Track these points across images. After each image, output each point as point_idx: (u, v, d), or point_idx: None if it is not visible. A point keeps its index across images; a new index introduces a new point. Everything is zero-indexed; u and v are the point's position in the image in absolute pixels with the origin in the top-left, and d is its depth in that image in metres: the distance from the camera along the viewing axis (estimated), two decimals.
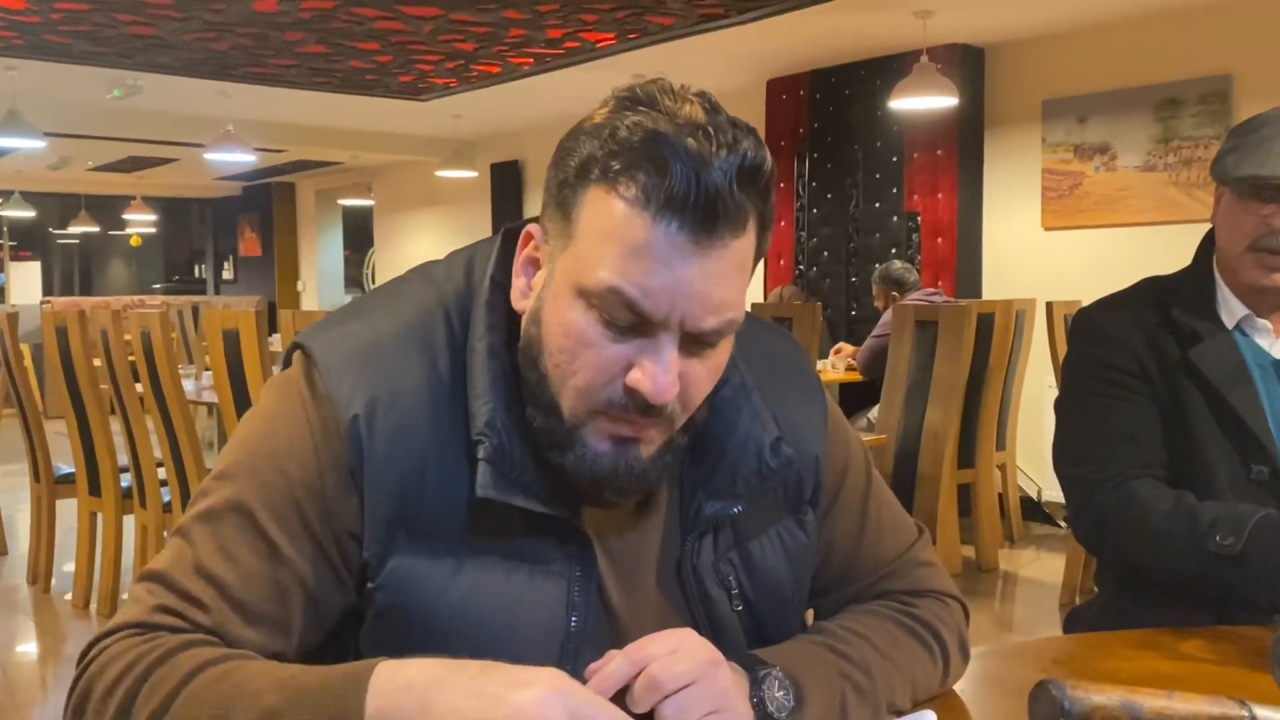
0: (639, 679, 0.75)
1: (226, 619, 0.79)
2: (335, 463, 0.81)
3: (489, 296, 0.87)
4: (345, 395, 0.82)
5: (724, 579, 0.90)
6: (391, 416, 0.82)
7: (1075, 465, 1.44)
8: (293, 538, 0.81)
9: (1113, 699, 0.59)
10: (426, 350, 0.85)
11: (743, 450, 0.89)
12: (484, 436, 0.81)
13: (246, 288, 12.89)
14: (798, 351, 1.03)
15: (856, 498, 1.02)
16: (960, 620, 1.03)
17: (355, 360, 0.84)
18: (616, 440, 0.80)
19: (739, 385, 0.91)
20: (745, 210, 0.77)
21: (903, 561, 1.03)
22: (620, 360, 0.78)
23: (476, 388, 0.83)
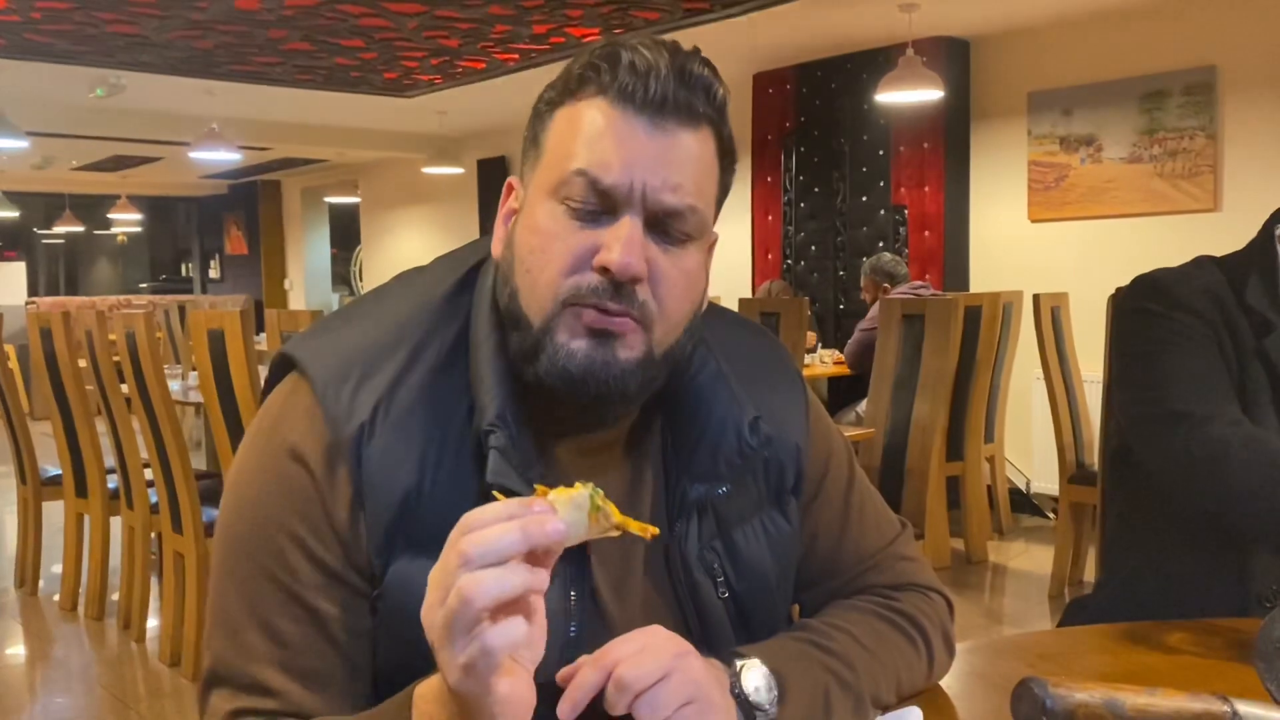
0: (609, 684, 0.75)
1: (295, 694, 0.80)
2: (341, 494, 0.82)
3: (491, 297, 0.88)
4: (345, 409, 0.82)
5: (709, 566, 0.91)
6: (389, 425, 0.82)
7: (1170, 401, 1.34)
8: (325, 591, 0.82)
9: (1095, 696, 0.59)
10: (421, 353, 0.86)
11: (722, 431, 0.90)
12: (494, 427, 0.81)
13: (233, 286, 12.84)
14: (776, 347, 1.04)
15: (839, 491, 1.02)
16: (944, 614, 1.03)
17: (352, 369, 0.84)
18: (592, 334, 0.80)
19: (715, 372, 0.92)
20: (695, 106, 0.82)
21: (885, 555, 1.03)
22: (587, 246, 0.80)
23: (485, 382, 0.84)
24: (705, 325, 0.93)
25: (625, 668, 0.75)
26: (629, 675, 0.75)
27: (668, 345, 0.84)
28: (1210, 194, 4.90)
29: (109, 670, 3.51)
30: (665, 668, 0.76)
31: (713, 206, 0.86)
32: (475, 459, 0.82)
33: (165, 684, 3.35)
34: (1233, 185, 4.86)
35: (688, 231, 0.83)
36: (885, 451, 4.17)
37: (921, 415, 4.14)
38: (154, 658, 3.55)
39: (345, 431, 0.81)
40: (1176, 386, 1.35)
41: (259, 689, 0.80)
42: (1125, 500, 1.57)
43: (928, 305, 4.17)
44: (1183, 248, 1.59)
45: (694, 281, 0.85)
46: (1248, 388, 1.37)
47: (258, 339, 4.53)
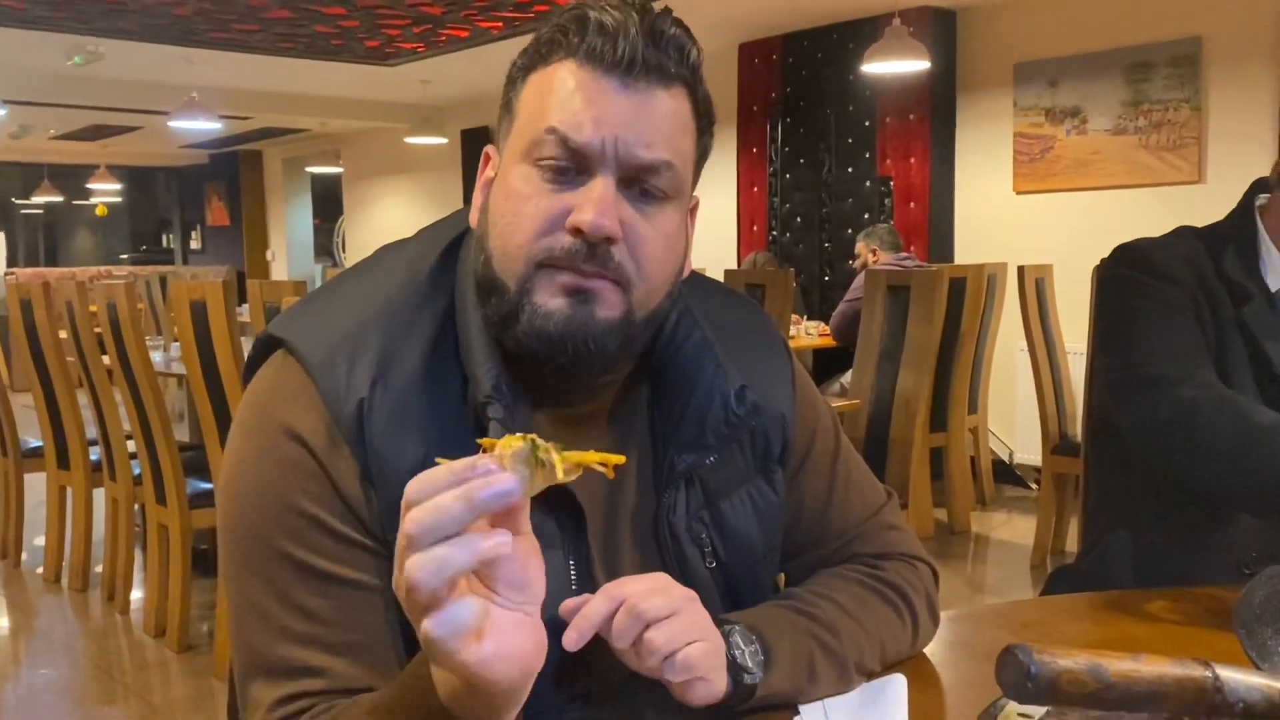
0: (620, 611, 0.77)
1: (340, 668, 0.79)
2: (347, 471, 0.81)
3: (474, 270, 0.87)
4: (342, 386, 0.81)
5: (696, 537, 0.91)
6: (389, 398, 0.81)
7: (1144, 365, 1.35)
8: (351, 561, 0.80)
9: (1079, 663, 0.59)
10: (412, 329, 0.85)
11: (708, 400, 0.90)
12: (491, 399, 0.81)
13: (215, 257, 12.75)
14: (762, 317, 1.04)
15: (825, 460, 1.02)
16: (929, 583, 1.03)
17: (343, 347, 0.83)
18: (570, 294, 0.80)
19: (700, 342, 0.92)
20: (667, 67, 0.82)
21: (871, 524, 1.03)
22: (560, 207, 0.80)
23: (476, 356, 0.83)
24: (690, 295, 0.92)
25: (638, 599, 0.77)
26: (643, 605, 0.77)
27: (649, 308, 0.84)
28: (1195, 166, 4.92)
29: (93, 642, 3.51)
30: (674, 606, 0.79)
31: (690, 166, 0.85)
32: (474, 432, 0.81)
33: (150, 655, 3.35)
34: (1217, 157, 4.87)
35: (664, 189, 0.82)
36: (869, 422, 4.19)
37: (906, 387, 4.16)
38: (138, 629, 3.55)
39: (345, 409, 0.80)
40: (1151, 351, 1.36)
41: (302, 671, 0.79)
42: (1106, 470, 1.59)
43: (913, 277, 4.17)
44: (1167, 219, 1.59)
45: (673, 243, 0.84)
46: (1226, 357, 1.38)
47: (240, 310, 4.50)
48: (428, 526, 0.59)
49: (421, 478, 0.61)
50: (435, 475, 0.61)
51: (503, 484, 0.60)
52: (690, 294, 0.92)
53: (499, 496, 0.60)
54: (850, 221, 6.02)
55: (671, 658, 0.78)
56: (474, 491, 0.59)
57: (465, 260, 0.89)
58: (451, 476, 0.60)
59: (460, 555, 0.59)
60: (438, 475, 0.61)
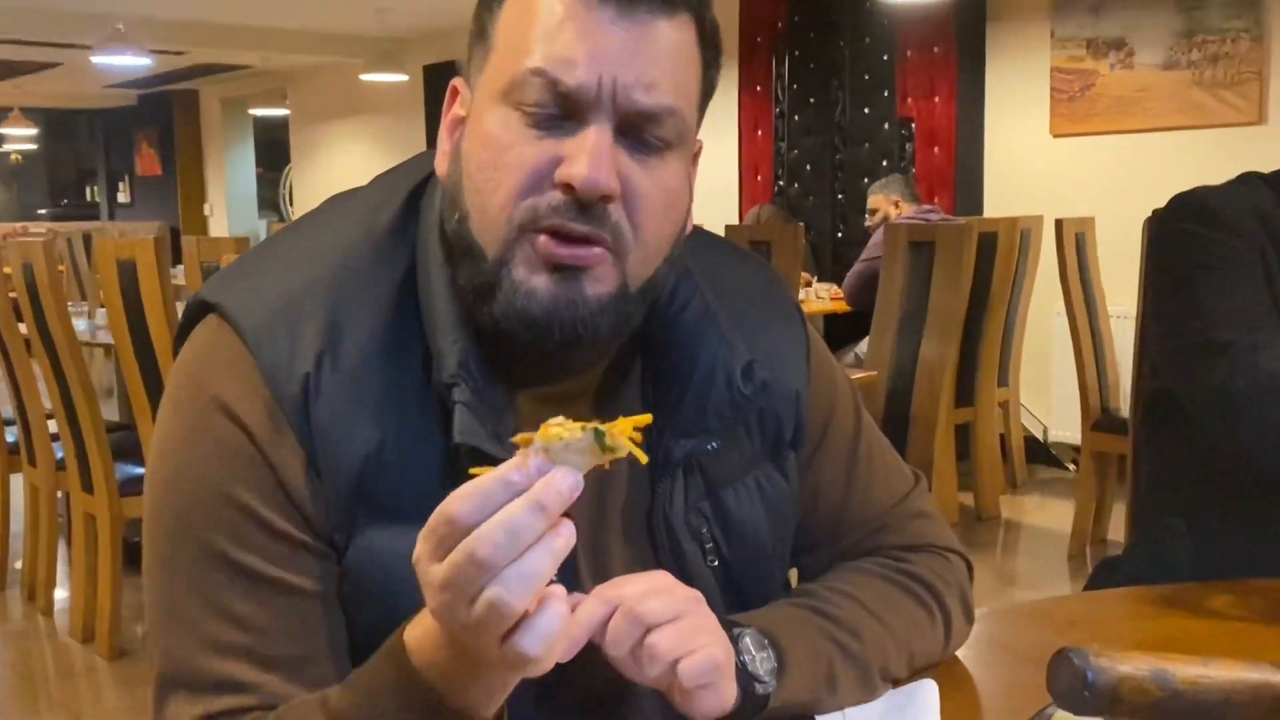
0: (616, 615, 0.76)
1: (272, 684, 0.78)
2: (291, 458, 0.80)
3: (440, 223, 0.86)
4: (284, 360, 0.80)
5: (696, 532, 0.90)
6: (339, 375, 0.80)
7: (1208, 331, 1.35)
8: (291, 563, 0.80)
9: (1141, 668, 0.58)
10: (367, 293, 0.84)
11: (710, 378, 0.89)
12: (458, 379, 0.79)
13: (146, 212, 12.69)
14: (771, 276, 1.03)
15: (844, 441, 1.01)
16: (963, 577, 1.03)
17: (285, 314, 0.82)
18: (555, 270, 0.78)
19: (702, 310, 0.91)
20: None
21: (897, 513, 1.03)
22: (547, 159, 0.78)
23: (441, 327, 0.82)
24: (690, 254, 0.91)
25: (637, 601, 0.77)
26: (642, 608, 0.76)
27: (645, 277, 0.82)
28: (1255, 104, 4.90)
29: (13, 648, 3.50)
30: (678, 608, 0.78)
31: (695, 109, 0.84)
32: (438, 415, 0.81)
33: (77, 662, 3.34)
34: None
35: (666, 138, 0.80)
36: (888, 397, 4.20)
37: (928, 356, 4.16)
38: (63, 633, 3.54)
39: (287, 386, 0.79)
40: (1216, 314, 1.35)
41: (228, 686, 0.78)
42: (1160, 449, 1.59)
43: (937, 232, 4.17)
44: (1224, 165, 1.58)
45: (675, 199, 0.83)
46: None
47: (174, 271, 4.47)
48: (505, 545, 0.61)
49: (469, 494, 0.62)
50: (486, 488, 0.62)
51: (569, 482, 0.62)
52: (690, 253, 0.91)
53: (570, 496, 0.62)
54: (867, 169, 6.00)
55: (675, 665, 0.77)
56: (545, 497, 0.62)
57: (429, 212, 0.87)
58: (507, 486, 0.62)
59: (544, 563, 0.62)
60: (489, 488, 0.62)
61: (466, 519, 0.61)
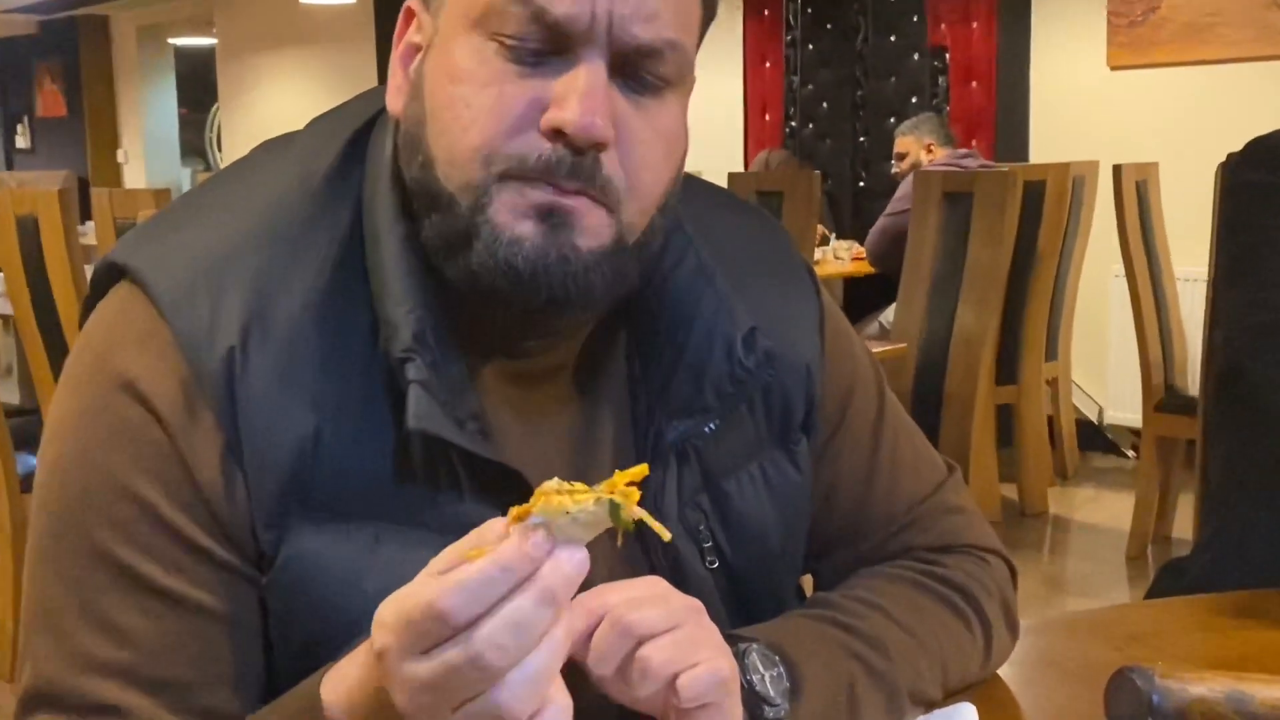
0: (602, 627, 0.76)
1: (147, 711, 0.78)
2: (205, 444, 0.79)
3: (393, 169, 0.85)
4: (203, 329, 0.80)
5: (692, 528, 0.91)
6: (270, 349, 0.80)
7: None
8: (188, 573, 0.79)
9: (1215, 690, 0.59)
10: (301, 253, 0.84)
11: (707, 348, 0.89)
12: (412, 353, 0.79)
13: (49, 159, 12.64)
14: (778, 236, 1.03)
15: (865, 426, 1.02)
16: (1005, 583, 1.04)
17: (208, 278, 0.82)
18: (542, 215, 0.78)
19: (696, 269, 0.91)
20: None
21: (928, 508, 1.03)
22: (531, 99, 0.78)
23: (392, 292, 0.82)
24: (683, 207, 0.91)
25: (625, 609, 0.77)
26: (631, 617, 0.76)
27: (641, 229, 0.83)
28: None
29: None
30: (674, 617, 0.78)
31: (696, 40, 0.84)
32: (388, 395, 0.81)
33: None
34: None
35: (666, 76, 0.81)
36: (918, 373, 4.20)
37: (965, 326, 4.17)
38: None
39: (207, 360, 0.79)
40: None
41: (100, 709, 0.78)
42: (1234, 434, 1.59)
43: (976, 181, 4.16)
44: None
45: (673, 143, 0.84)
46: None
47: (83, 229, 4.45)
48: (513, 646, 0.62)
49: (464, 584, 0.62)
50: (484, 577, 0.62)
51: (576, 563, 0.63)
52: (685, 206, 0.91)
53: (578, 579, 0.64)
54: (893, 108, 6.00)
55: (672, 682, 0.77)
56: (555, 586, 0.63)
57: (378, 157, 0.87)
58: (505, 574, 0.62)
59: (551, 661, 0.64)
60: (487, 577, 0.62)
61: (460, 614, 0.61)
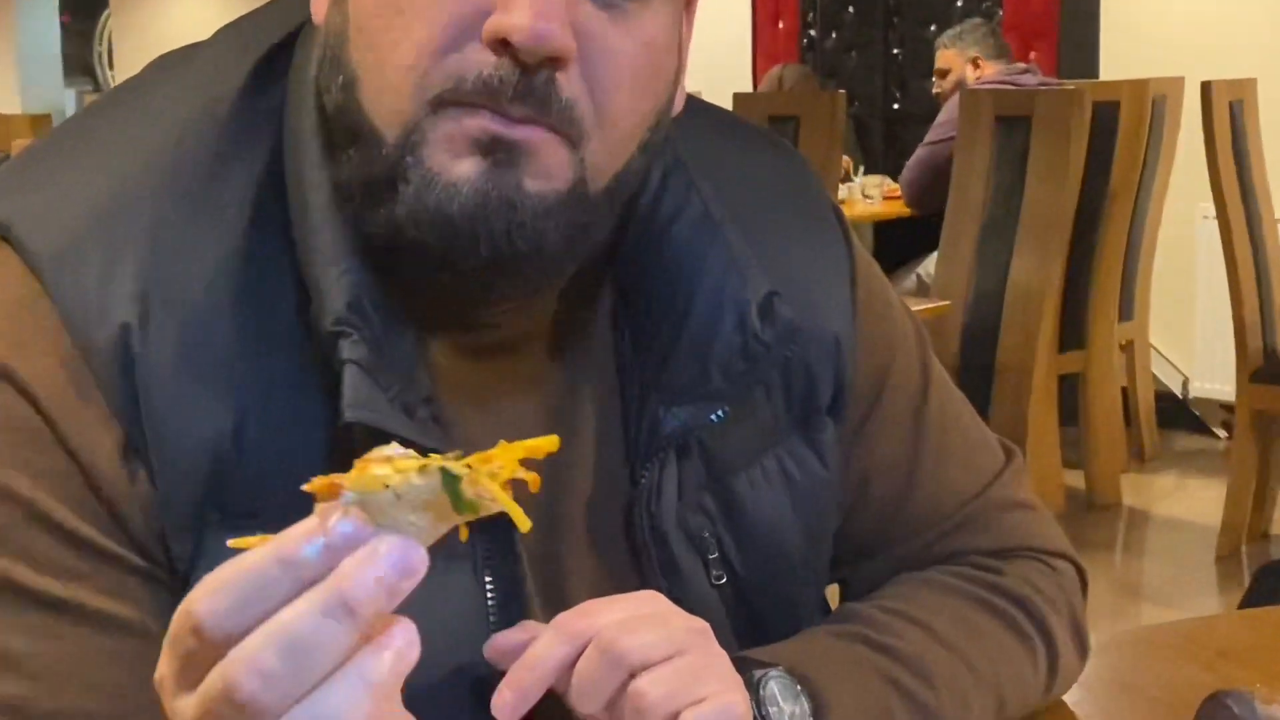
0: (587, 653, 0.76)
1: None
2: (97, 435, 0.79)
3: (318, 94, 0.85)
4: (92, 300, 0.79)
5: (695, 536, 0.91)
6: (174, 328, 0.80)
7: None
8: (85, 580, 0.79)
9: None
10: (209, 205, 0.83)
11: (714, 317, 0.89)
12: (348, 327, 0.79)
13: None
14: (802, 171, 1.03)
15: (906, 405, 1.02)
16: (1075, 593, 1.04)
17: (95, 235, 0.81)
18: (483, 150, 0.77)
19: (700, 217, 0.91)
20: None
21: (983, 504, 1.04)
22: (471, 4, 0.76)
23: (320, 250, 0.81)
24: (684, 139, 0.91)
25: (618, 632, 0.76)
26: (624, 643, 0.76)
27: (612, 172, 0.82)
28: None
29: None
30: (675, 642, 0.78)
31: None
32: (321, 378, 0.80)
33: None
34: None
35: None
36: (964, 337, 4.21)
37: (1022, 279, 4.17)
38: None
39: (96, 337, 0.79)
40: None
41: None
42: None
43: (1035, 102, 4.15)
44: None
45: (657, 63, 0.83)
46: None
47: None
48: (285, 675, 0.54)
49: (225, 583, 0.55)
50: (251, 573, 0.55)
51: (395, 562, 0.55)
52: (682, 138, 0.91)
53: (401, 583, 0.55)
54: (934, 14, 5.99)
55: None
56: (353, 590, 0.54)
57: (299, 81, 0.86)
58: (284, 569, 0.55)
59: (354, 704, 0.55)
60: (258, 572, 0.55)
61: (217, 626, 0.54)
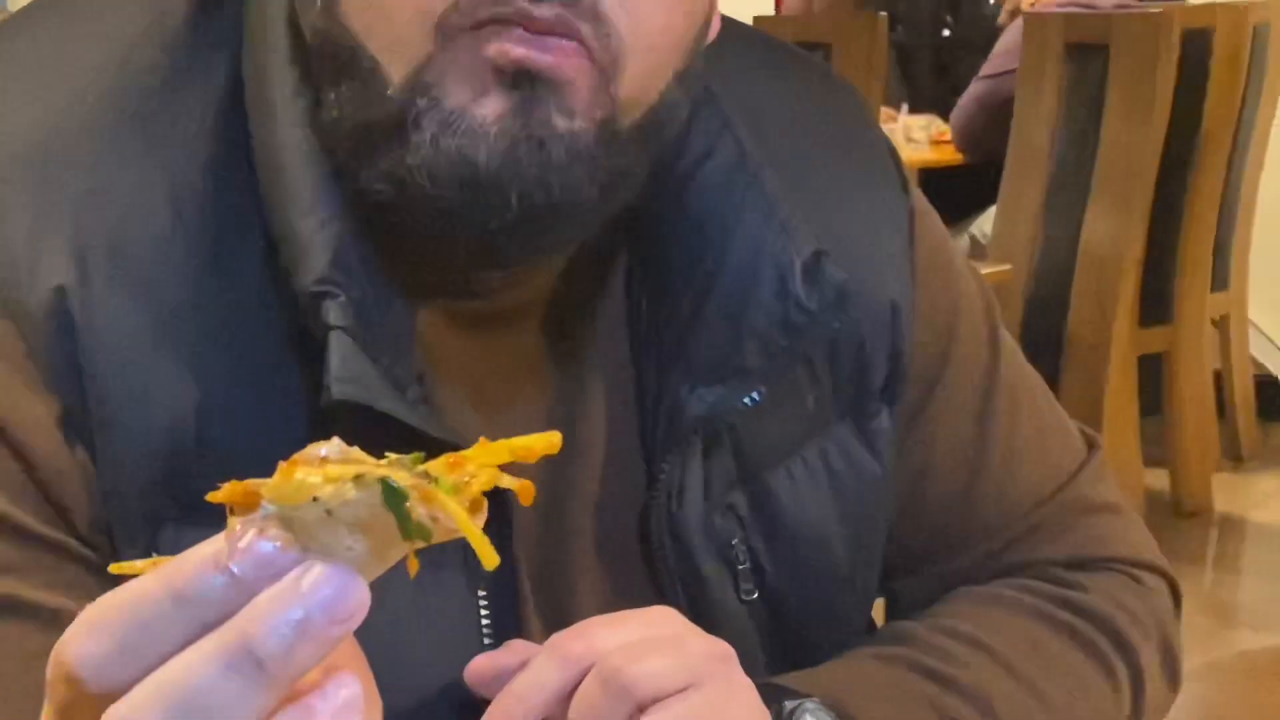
0: (587, 681, 0.77)
1: None
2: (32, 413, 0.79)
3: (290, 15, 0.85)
4: (20, 257, 0.80)
5: (723, 544, 0.91)
6: (122, 288, 0.80)
7: None
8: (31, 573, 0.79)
9: None
10: (160, 142, 0.83)
11: (748, 280, 0.89)
12: (333, 287, 0.79)
13: None
14: (853, 105, 1.04)
15: (971, 386, 1.03)
16: (1167, 614, 1.05)
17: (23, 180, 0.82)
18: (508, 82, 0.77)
19: (735, 161, 0.91)
20: None
21: (1059, 504, 1.04)
22: None
23: (297, 196, 0.81)
24: (715, 67, 0.91)
25: (623, 659, 0.77)
26: (632, 672, 0.76)
27: (647, 104, 0.83)
28: None
29: None
30: (692, 673, 0.78)
31: None
32: (296, 348, 0.81)
33: None
34: None
35: None
36: (1029, 308, 4.21)
37: (1097, 240, 4.17)
38: None
39: (26, 299, 0.79)
40: None
41: None
42: None
43: (1113, 28, 4.15)
44: None
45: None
46: None
47: None
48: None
49: (105, 618, 0.49)
50: (137, 608, 0.49)
51: (324, 600, 0.47)
52: (717, 66, 0.91)
53: (334, 626, 0.47)
54: None
55: None
56: (262, 640, 0.46)
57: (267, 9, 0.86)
58: (178, 606, 0.48)
59: None
60: (152, 605, 0.48)
61: (98, 675, 0.48)
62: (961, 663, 0.95)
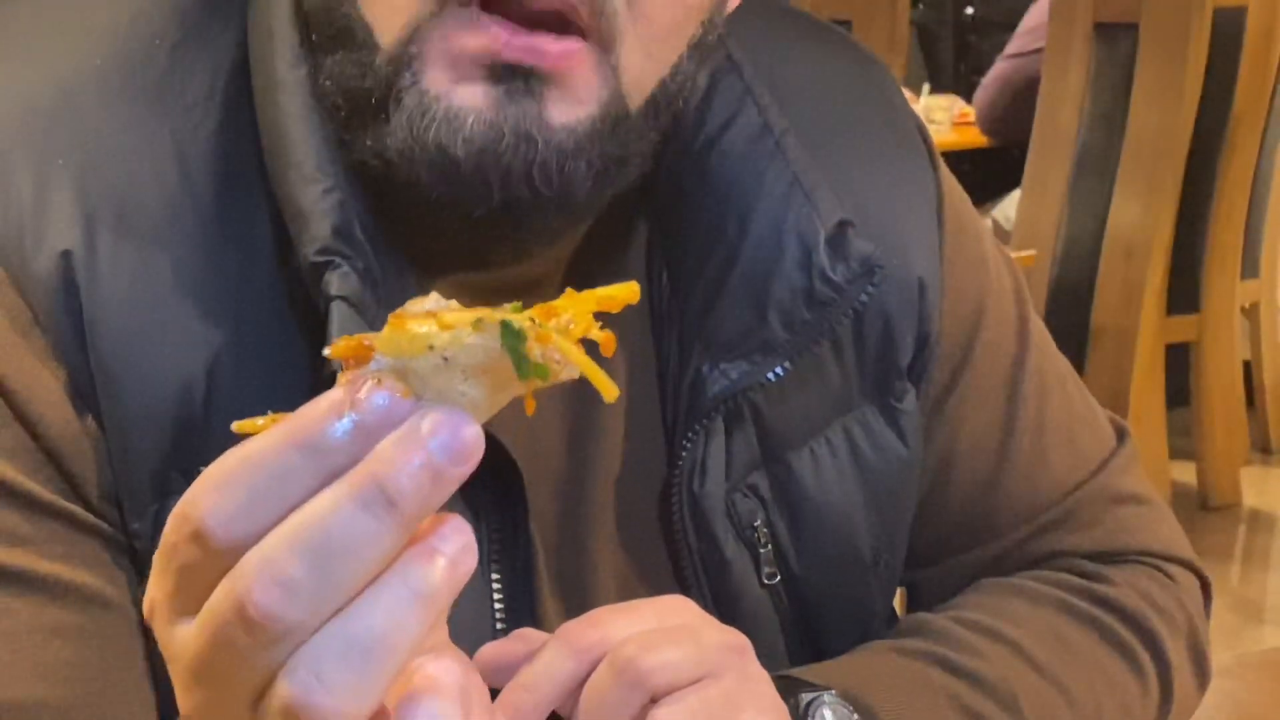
0: (599, 672, 0.77)
1: None
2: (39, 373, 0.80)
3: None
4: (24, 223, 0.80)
5: (744, 526, 0.92)
6: (130, 253, 0.81)
7: None
8: (42, 546, 0.80)
9: None
10: (169, 107, 0.84)
11: (772, 253, 0.90)
12: (334, 255, 0.80)
13: None
14: (880, 77, 1.03)
15: (999, 369, 1.03)
16: (1196, 609, 1.05)
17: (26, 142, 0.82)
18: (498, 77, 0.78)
19: (757, 130, 0.92)
20: None
21: (1088, 494, 1.04)
22: None
23: (299, 165, 0.82)
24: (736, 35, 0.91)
25: (636, 649, 0.76)
26: (646, 662, 0.76)
27: (656, 78, 0.83)
28: None
29: None
30: (707, 664, 0.77)
31: None
32: (305, 317, 0.81)
33: None
34: None
35: None
36: (1053, 295, 4.20)
37: (1124, 225, 4.15)
38: None
39: (31, 263, 0.80)
40: None
41: None
42: None
43: (1142, 7, 4.13)
44: None
45: None
46: None
47: None
48: (310, 586, 0.51)
49: (231, 474, 0.52)
50: (262, 460, 0.52)
51: (449, 439, 0.51)
52: (738, 34, 0.91)
53: (456, 467, 0.51)
54: None
55: None
56: (394, 480, 0.50)
57: None
58: (305, 455, 0.52)
59: (399, 620, 0.52)
60: (272, 458, 0.52)
61: (228, 528, 0.51)
62: (984, 656, 0.94)
